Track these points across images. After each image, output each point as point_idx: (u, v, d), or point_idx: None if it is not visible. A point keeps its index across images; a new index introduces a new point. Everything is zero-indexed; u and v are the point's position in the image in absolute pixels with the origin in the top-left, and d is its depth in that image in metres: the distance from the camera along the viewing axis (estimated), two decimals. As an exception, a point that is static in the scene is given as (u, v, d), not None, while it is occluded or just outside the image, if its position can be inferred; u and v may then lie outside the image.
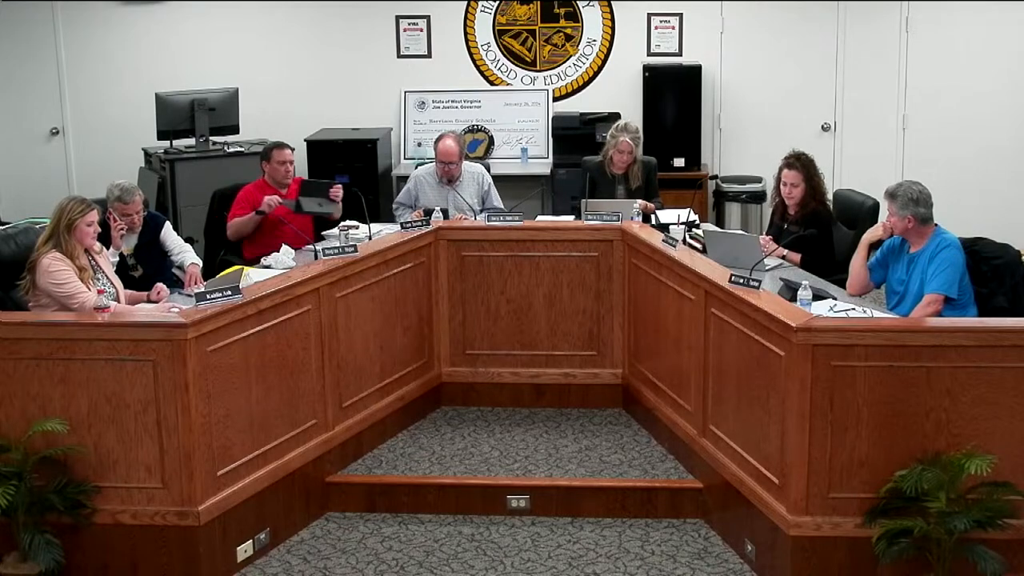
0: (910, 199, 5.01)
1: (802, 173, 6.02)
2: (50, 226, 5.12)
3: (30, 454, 4.37)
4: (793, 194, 6.04)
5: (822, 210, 6.08)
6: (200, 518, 4.47)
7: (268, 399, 4.82)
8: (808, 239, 5.95)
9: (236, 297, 4.63)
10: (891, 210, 5.09)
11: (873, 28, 8.99)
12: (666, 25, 9.17)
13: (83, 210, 5.10)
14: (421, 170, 7.10)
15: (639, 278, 5.75)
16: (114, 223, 5.77)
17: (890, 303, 5.29)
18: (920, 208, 5.02)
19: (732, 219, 8.91)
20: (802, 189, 6.02)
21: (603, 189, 6.98)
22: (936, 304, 4.95)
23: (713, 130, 9.23)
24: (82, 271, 5.07)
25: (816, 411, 4.24)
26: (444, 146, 6.80)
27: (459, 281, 6.01)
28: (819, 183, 6.09)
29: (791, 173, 6.04)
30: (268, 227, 6.47)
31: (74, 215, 5.08)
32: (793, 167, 6.05)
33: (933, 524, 4.09)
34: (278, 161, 6.60)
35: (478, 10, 9.29)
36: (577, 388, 6.05)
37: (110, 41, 9.31)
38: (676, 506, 5.08)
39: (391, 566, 4.73)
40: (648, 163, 7.17)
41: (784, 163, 6.11)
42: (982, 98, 8.92)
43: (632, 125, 7.16)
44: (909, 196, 5.01)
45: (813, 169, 6.07)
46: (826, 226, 6.06)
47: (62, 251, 5.04)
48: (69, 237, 5.07)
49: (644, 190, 7.02)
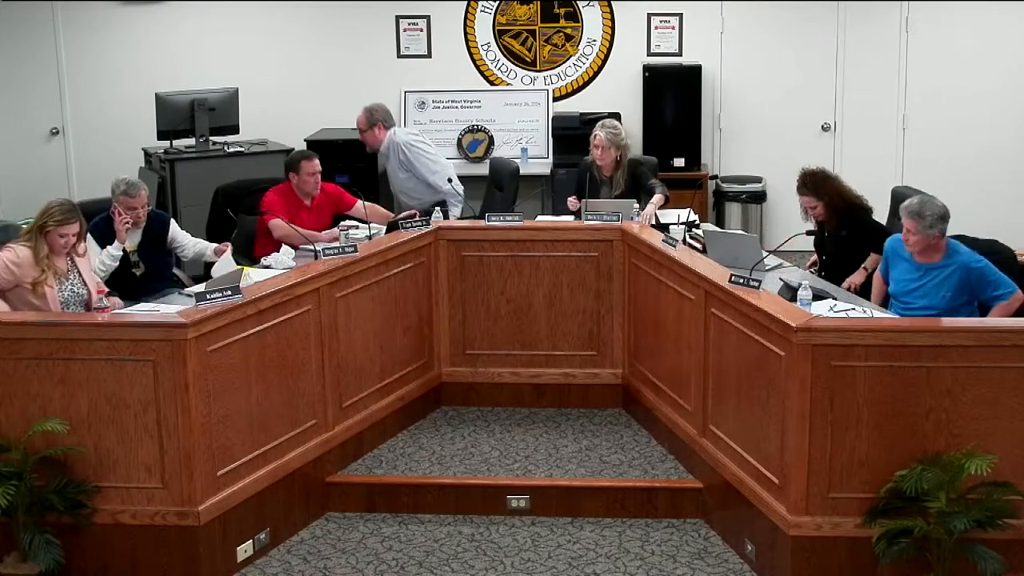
0: (939, 217, 4.97)
1: (812, 194, 5.96)
2: (33, 221, 5.22)
3: (30, 454, 4.37)
4: (817, 213, 5.99)
5: (854, 210, 5.97)
6: (200, 518, 4.47)
7: (268, 399, 4.82)
8: (846, 239, 5.91)
9: (236, 297, 4.64)
10: (914, 228, 5.01)
11: (873, 28, 8.99)
12: (666, 25, 9.18)
13: (61, 220, 5.17)
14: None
15: (639, 278, 5.75)
16: (119, 217, 5.81)
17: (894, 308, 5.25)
18: (946, 224, 5.00)
19: (732, 219, 8.92)
20: (822, 206, 5.95)
21: (591, 191, 6.89)
22: (1017, 304, 4.99)
23: (713, 130, 9.23)
24: (43, 272, 5.13)
25: (816, 411, 4.24)
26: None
27: (459, 281, 6.01)
28: (837, 191, 5.98)
29: (803, 198, 6.00)
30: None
31: (50, 222, 5.17)
32: (801, 192, 6.00)
33: (933, 524, 4.09)
34: (308, 173, 6.46)
35: (478, 10, 9.29)
36: (577, 388, 6.05)
37: (110, 41, 9.32)
38: (676, 506, 5.08)
39: (391, 566, 4.73)
40: (633, 163, 6.87)
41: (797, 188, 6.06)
42: (982, 98, 8.92)
43: (611, 122, 6.90)
44: (938, 214, 4.97)
45: (823, 183, 5.98)
46: (859, 223, 5.97)
47: (32, 247, 5.12)
48: (40, 238, 5.17)
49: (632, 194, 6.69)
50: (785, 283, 5.18)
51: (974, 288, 5.03)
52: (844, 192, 6.03)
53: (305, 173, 6.48)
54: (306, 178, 6.48)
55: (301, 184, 6.49)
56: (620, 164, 6.81)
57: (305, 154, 6.61)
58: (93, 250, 5.77)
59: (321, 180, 6.55)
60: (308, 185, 6.50)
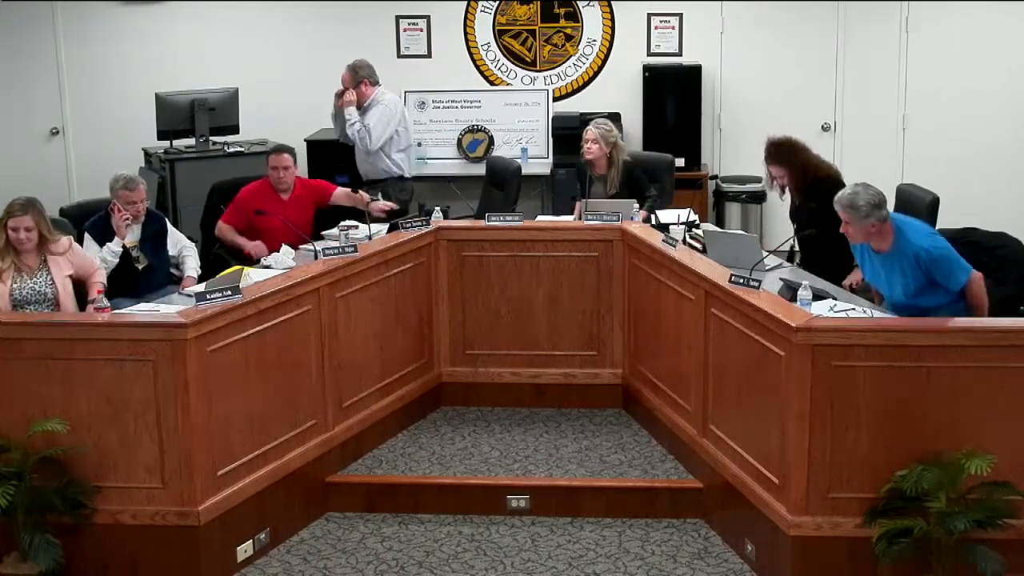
0: (873, 205, 4.79)
1: (777, 163, 5.96)
2: None
3: (30, 454, 4.37)
4: (785, 183, 6.00)
5: (822, 182, 5.89)
6: (200, 518, 4.47)
7: (268, 399, 4.82)
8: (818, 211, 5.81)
9: (236, 297, 4.64)
10: (850, 219, 4.85)
11: (873, 28, 8.99)
12: (666, 25, 9.17)
13: (10, 213, 5.22)
14: None
15: (639, 278, 5.75)
16: (118, 213, 5.84)
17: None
18: (883, 211, 4.83)
19: (732, 219, 8.91)
20: (788, 176, 5.96)
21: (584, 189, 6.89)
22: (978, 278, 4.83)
23: (713, 130, 9.23)
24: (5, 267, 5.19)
25: (816, 411, 4.24)
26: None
27: (459, 281, 6.01)
28: (805, 161, 5.94)
29: (770, 167, 6.02)
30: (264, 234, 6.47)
31: (4, 215, 5.23)
32: (767, 161, 6.01)
33: (933, 524, 4.09)
34: (272, 167, 6.59)
35: (478, 10, 9.29)
36: (577, 388, 6.04)
37: (110, 41, 9.31)
38: (676, 506, 5.08)
39: (391, 566, 4.73)
40: (630, 166, 6.85)
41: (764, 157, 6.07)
42: (982, 98, 8.92)
43: (603, 120, 6.92)
44: (872, 202, 4.79)
45: (789, 153, 5.95)
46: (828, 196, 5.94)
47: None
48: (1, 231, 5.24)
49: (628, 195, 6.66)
50: (785, 283, 5.18)
51: (933, 275, 4.86)
52: (811, 163, 5.99)
53: (271, 167, 6.59)
54: (272, 172, 6.58)
55: (272, 178, 6.59)
56: (613, 162, 6.81)
57: (275, 148, 6.73)
58: (92, 249, 5.78)
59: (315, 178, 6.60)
60: (274, 179, 6.58)
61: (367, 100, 7.44)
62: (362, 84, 7.42)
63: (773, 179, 6.05)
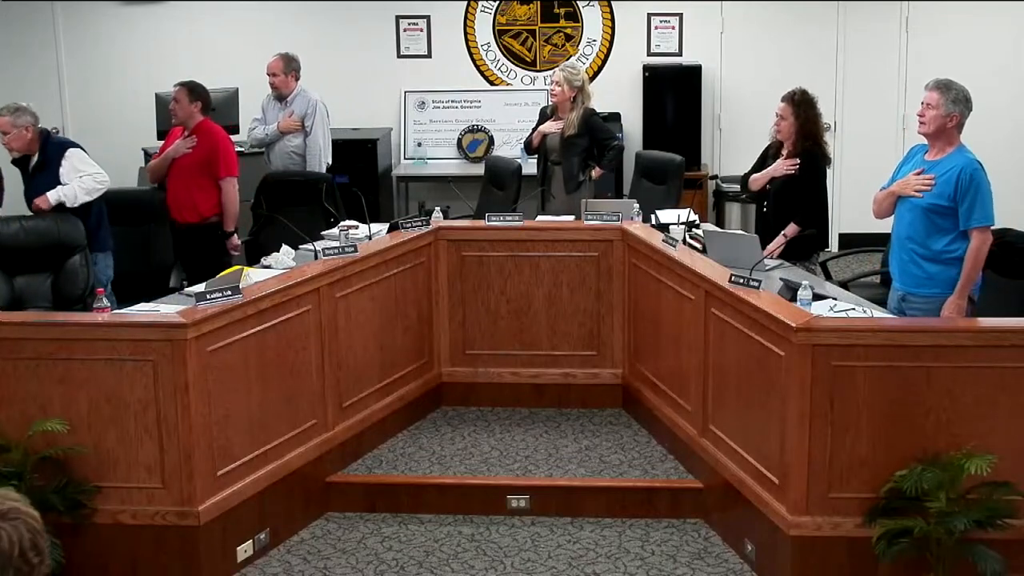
0: (964, 97, 4.74)
1: (791, 107, 5.90)
2: None
3: (30, 454, 4.36)
4: (781, 127, 5.94)
5: (816, 151, 5.90)
6: (200, 518, 4.47)
7: (268, 399, 4.82)
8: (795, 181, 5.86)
9: (236, 297, 4.64)
10: (936, 102, 4.77)
11: (873, 28, 9.00)
12: (666, 25, 9.18)
13: None
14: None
15: (639, 278, 5.75)
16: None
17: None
18: (967, 111, 4.77)
19: (732, 219, 8.91)
20: (790, 124, 5.90)
21: (540, 123, 7.06)
22: (988, 239, 4.78)
23: (713, 130, 9.23)
24: None
25: (816, 411, 4.24)
26: (269, 63, 7.55)
27: (459, 281, 6.01)
28: (814, 123, 5.92)
29: (781, 105, 5.94)
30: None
31: None
32: (785, 99, 5.94)
33: (933, 524, 4.09)
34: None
35: (478, 10, 9.30)
36: (577, 388, 6.04)
37: (110, 41, 9.32)
38: (676, 506, 5.08)
39: (391, 566, 4.73)
40: (589, 112, 6.92)
41: (783, 96, 6.00)
42: (982, 98, 8.87)
43: (570, 63, 7.19)
44: (963, 94, 4.74)
45: (808, 108, 5.90)
46: (816, 169, 5.92)
47: None
48: None
49: (587, 142, 6.88)
50: (785, 283, 5.17)
51: (961, 200, 4.82)
52: (817, 131, 5.95)
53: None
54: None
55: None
56: (575, 105, 6.91)
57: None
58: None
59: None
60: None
61: (291, 92, 7.63)
62: (290, 76, 7.61)
63: (776, 116, 5.98)
